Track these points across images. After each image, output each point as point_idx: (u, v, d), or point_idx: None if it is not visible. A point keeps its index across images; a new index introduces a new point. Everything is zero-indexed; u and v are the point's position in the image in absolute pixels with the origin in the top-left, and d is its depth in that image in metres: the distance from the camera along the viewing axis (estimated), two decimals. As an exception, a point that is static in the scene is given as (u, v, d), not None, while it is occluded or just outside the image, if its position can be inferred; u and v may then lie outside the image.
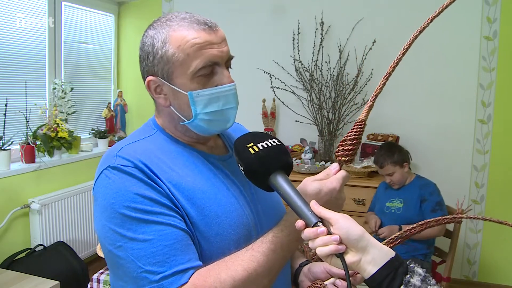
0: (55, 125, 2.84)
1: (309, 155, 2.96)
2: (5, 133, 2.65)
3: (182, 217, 0.80)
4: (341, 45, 3.11)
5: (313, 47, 3.16)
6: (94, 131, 3.42)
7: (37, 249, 2.63)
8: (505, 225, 0.85)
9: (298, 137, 3.23)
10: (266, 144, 0.78)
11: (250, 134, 0.84)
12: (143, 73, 0.88)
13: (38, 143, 2.82)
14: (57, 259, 2.62)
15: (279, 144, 0.80)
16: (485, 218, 0.89)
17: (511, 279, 2.91)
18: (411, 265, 0.68)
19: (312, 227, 0.69)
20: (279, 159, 0.77)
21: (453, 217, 0.93)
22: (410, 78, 2.97)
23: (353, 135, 0.80)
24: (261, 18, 3.34)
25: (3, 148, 2.58)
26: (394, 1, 3.03)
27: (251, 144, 0.78)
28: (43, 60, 3.00)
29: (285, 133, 3.37)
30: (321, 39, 3.13)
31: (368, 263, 0.67)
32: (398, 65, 0.75)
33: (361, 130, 0.80)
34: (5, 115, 2.64)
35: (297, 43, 3.20)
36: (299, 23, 3.18)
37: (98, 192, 0.81)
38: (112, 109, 3.60)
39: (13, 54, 2.76)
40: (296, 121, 3.25)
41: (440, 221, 0.91)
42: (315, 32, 3.17)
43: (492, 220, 0.87)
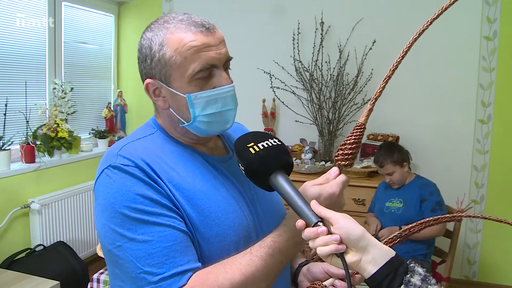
0: (55, 125, 2.84)
1: (309, 155, 2.96)
2: (5, 133, 2.65)
3: (182, 218, 0.80)
4: (341, 45, 3.11)
5: (313, 47, 3.17)
6: (94, 131, 3.42)
7: (37, 249, 2.63)
8: (505, 223, 0.85)
9: (298, 137, 3.23)
10: (266, 143, 0.78)
11: (250, 133, 0.84)
12: (142, 75, 0.88)
13: (38, 143, 2.82)
14: (57, 259, 2.62)
15: (280, 143, 0.80)
16: (485, 216, 0.88)
17: (511, 279, 2.91)
18: (411, 265, 0.68)
19: (312, 226, 0.69)
20: (280, 159, 0.78)
21: (453, 216, 0.93)
22: (410, 78, 2.97)
23: (353, 139, 0.80)
24: (261, 18, 3.34)
25: (3, 148, 2.58)
26: (394, 1, 3.03)
27: (252, 144, 0.78)
28: (43, 60, 3.00)
29: (285, 133, 3.37)
30: (321, 39, 3.13)
31: (368, 263, 0.67)
32: (397, 68, 0.75)
33: (360, 134, 0.80)
34: (5, 115, 2.64)
35: (297, 43, 3.20)
36: (299, 23, 3.18)
37: (98, 191, 0.81)
38: (112, 109, 3.60)
39: (13, 54, 2.76)
40: (296, 121, 3.25)
41: (439, 219, 0.90)
42: (315, 32, 3.17)
43: (491, 218, 0.87)
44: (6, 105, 2.65)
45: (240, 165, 0.80)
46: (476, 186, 2.94)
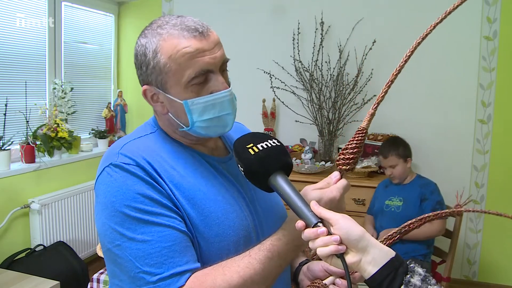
0: (55, 125, 2.84)
1: (309, 155, 2.96)
2: (5, 133, 2.65)
3: (182, 218, 0.80)
4: (341, 45, 3.11)
5: (313, 47, 3.16)
6: (94, 131, 3.42)
7: (37, 249, 2.63)
8: (505, 217, 0.85)
9: (298, 137, 3.23)
10: (266, 144, 0.78)
11: (249, 134, 0.84)
12: (140, 81, 0.88)
13: (38, 143, 2.82)
14: (57, 259, 2.62)
15: (279, 144, 0.80)
16: (485, 211, 0.88)
17: (511, 279, 2.91)
18: (411, 265, 0.68)
19: (312, 227, 0.69)
20: (279, 160, 0.77)
21: (452, 211, 0.93)
22: (410, 78, 2.97)
23: (354, 143, 0.80)
24: (261, 18, 3.34)
25: (3, 148, 2.58)
26: (394, 1, 3.02)
27: (251, 144, 0.78)
28: (43, 60, 3.00)
29: (285, 133, 3.37)
30: (321, 39, 3.13)
31: (368, 263, 0.67)
32: (400, 72, 0.75)
33: (362, 138, 0.80)
34: (5, 115, 2.64)
35: (297, 43, 3.19)
36: (299, 23, 3.18)
37: (99, 189, 0.81)
38: (112, 109, 3.60)
39: (13, 54, 2.76)
40: (296, 121, 3.25)
41: (439, 214, 0.90)
42: (315, 32, 3.17)
43: (491, 212, 0.86)
44: (6, 105, 2.65)
45: (239, 166, 0.80)
46: (476, 186, 2.94)
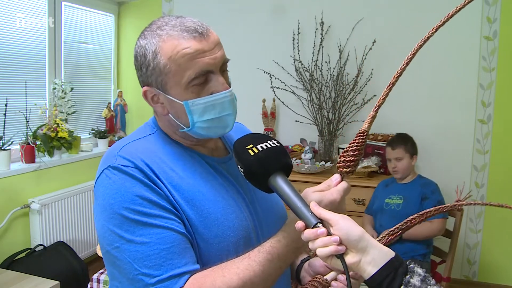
0: (55, 125, 2.84)
1: (309, 155, 2.96)
2: (5, 133, 2.65)
3: (181, 219, 0.79)
4: (341, 45, 3.11)
5: (313, 47, 3.16)
6: (94, 131, 3.42)
7: (37, 249, 2.63)
8: (506, 207, 0.84)
9: (298, 137, 3.23)
10: (265, 145, 0.78)
11: (249, 135, 0.84)
12: (140, 82, 0.88)
13: (38, 143, 2.82)
14: (57, 259, 2.62)
15: (279, 145, 0.80)
16: (485, 203, 0.88)
17: (511, 279, 2.91)
18: (411, 265, 0.68)
19: (312, 228, 0.69)
20: (279, 160, 0.78)
21: (454, 205, 0.93)
22: (410, 78, 2.94)
23: (355, 146, 0.80)
24: (261, 18, 3.34)
25: (3, 148, 2.58)
26: (394, 1, 3.02)
27: (251, 145, 0.78)
28: (43, 60, 3.00)
29: (285, 133, 3.37)
30: (321, 39, 3.13)
31: (368, 264, 0.67)
32: (396, 68, 0.75)
33: (363, 141, 0.80)
34: (5, 115, 2.64)
35: (297, 43, 3.19)
36: (299, 23, 3.18)
37: (98, 191, 0.81)
38: (112, 109, 3.60)
39: (13, 54, 2.76)
40: (296, 121, 3.25)
41: (441, 209, 0.91)
42: (315, 32, 3.17)
43: (492, 204, 0.86)
44: (6, 105, 2.65)
45: (239, 167, 0.79)
46: (476, 186, 2.94)
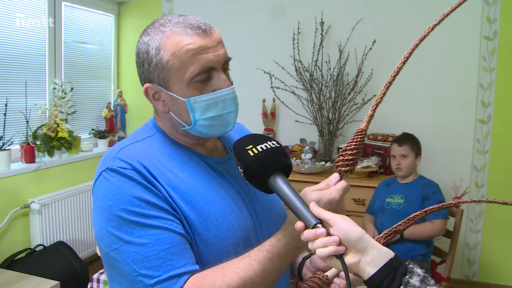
0: (55, 125, 2.84)
1: (309, 155, 2.96)
2: (5, 133, 2.65)
3: (180, 220, 0.79)
4: (341, 45, 3.11)
5: (313, 47, 3.16)
6: (94, 131, 3.42)
7: (37, 249, 2.63)
8: (505, 204, 0.84)
9: (298, 137, 3.23)
10: (265, 146, 0.79)
11: (249, 136, 0.84)
12: (141, 79, 0.87)
13: (38, 143, 2.82)
14: (57, 259, 2.62)
15: (278, 146, 0.80)
16: (489, 200, 0.88)
17: (511, 279, 2.91)
18: (410, 266, 0.68)
19: (311, 228, 0.69)
20: (279, 161, 0.78)
21: (455, 202, 0.93)
22: (410, 78, 2.97)
23: (354, 145, 0.80)
24: (261, 18, 3.34)
25: (3, 148, 2.58)
26: (394, 1, 3.02)
27: (250, 146, 0.78)
28: (43, 60, 3.00)
29: (285, 133, 3.37)
30: (321, 39, 3.13)
31: (367, 264, 0.67)
32: (399, 73, 0.75)
33: (361, 140, 0.80)
34: (5, 115, 2.64)
35: (297, 43, 3.19)
36: (299, 23, 3.18)
37: (96, 193, 0.81)
38: (112, 109, 3.60)
39: (13, 54, 2.76)
40: (296, 121, 3.25)
41: (444, 206, 0.92)
42: (315, 32, 3.17)
43: (496, 201, 0.86)
44: (6, 105, 2.65)
45: (239, 167, 0.79)
46: (476, 186, 2.94)
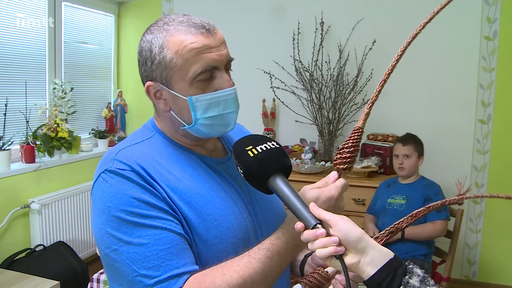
0: (55, 125, 2.84)
1: (309, 155, 2.96)
2: (5, 133, 2.65)
3: (179, 221, 0.79)
4: (341, 45, 3.11)
5: (313, 47, 3.16)
6: (94, 131, 3.42)
7: (37, 249, 2.63)
8: (507, 198, 0.84)
9: (298, 137, 3.23)
10: (265, 146, 0.79)
11: (249, 137, 0.84)
12: (142, 78, 0.87)
13: (38, 143, 2.82)
14: (57, 259, 2.62)
15: (278, 146, 0.80)
16: (492, 195, 0.88)
17: (511, 279, 2.91)
18: (410, 266, 0.68)
19: (311, 229, 0.69)
20: (278, 162, 0.78)
21: (457, 198, 0.94)
22: (410, 78, 2.97)
23: (351, 143, 0.80)
24: (261, 18, 3.34)
25: (3, 148, 2.58)
26: (394, 1, 3.02)
27: (250, 147, 0.78)
28: (43, 60, 3.00)
29: (285, 133, 3.37)
30: (321, 39, 3.13)
31: (367, 264, 0.67)
32: (396, 68, 0.75)
33: (358, 137, 0.80)
34: (5, 115, 2.64)
35: (297, 43, 3.19)
36: (299, 23, 3.18)
37: (95, 195, 0.81)
38: (112, 109, 3.60)
39: (13, 54, 2.76)
40: (296, 121, 3.25)
41: (448, 202, 0.92)
42: (315, 32, 3.17)
43: (499, 196, 0.85)
44: (6, 105, 2.65)
45: (238, 168, 0.79)
46: (476, 186, 2.94)
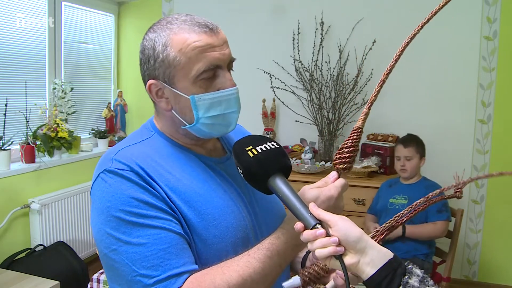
0: (55, 125, 2.84)
1: (309, 155, 2.96)
2: (5, 133, 2.65)
3: (178, 220, 0.79)
4: (341, 45, 3.11)
5: (313, 47, 3.16)
6: (94, 131, 3.42)
7: (37, 249, 2.63)
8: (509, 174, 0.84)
9: (298, 137, 3.23)
10: (265, 147, 0.79)
11: (249, 137, 0.84)
12: (144, 76, 0.87)
13: (38, 143, 2.82)
14: (57, 259, 2.62)
15: (278, 146, 0.81)
16: (487, 175, 0.89)
17: (511, 279, 2.91)
18: (409, 266, 0.68)
19: (311, 229, 0.69)
20: (278, 162, 0.78)
21: (454, 193, 0.95)
22: (410, 78, 2.97)
23: (350, 143, 0.81)
24: (261, 18, 3.34)
25: (3, 148, 2.58)
26: (394, 1, 3.02)
27: (250, 147, 0.78)
28: (43, 60, 3.00)
29: (285, 133, 3.37)
30: (321, 39, 3.13)
31: (366, 265, 0.67)
32: (396, 68, 0.75)
33: (357, 137, 0.81)
34: (5, 115, 2.64)
35: (297, 43, 3.19)
36: (299, 23, 3.18)
37: (94, 195, 0.81)
38: (112, 109, 3.60)
39: (13, 54, 2.76)
40: (296, 121, 3.25)
41: (442, 196, 0.94)
42: (315, 32, 3.17)
43: (494, 175, 0.86)
44: (6, 105, 2.65)
45: (238, 168, 0.80)
46: (476, 186, 2.94)
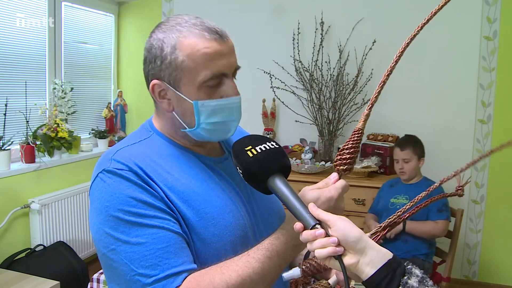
0: (55, 125, 2.84)
1: (309, 155, 2.96)
2: (5, 133, 2.65)
3: (177, 220, 0.80)
4: (341, 45, 3.11)
5: (313, 47, 3.16)
6: (94, 131, 3.42)
7: (37, 249, 2.63)
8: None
9: (298, 137, 3.23)
10: (264, 147, 0.79)
11: (248, 137, 0.84)
12: (148, 75, 0.87)
13: (38, 143, 2.82)
14: (57, 259, 2.62)
15: (277, 146, 0.81)
16: (488, 153, 0.88)
17: (511, 279, 2.91)
18: (409, 267, 0.68)
19: (310, 229, 0.69)
20: (277, 162, 0.78)
21: (456, 191, 0.95)
22: (410, 78, 2.97)
23: (351, 144, 0.81)
24: (261, 18, 3.34)
25: (3, 148, 2.58)
26: (394, 1, 3.02)
27: (249, 147, 0.78)
28: (43, 60, 3.00)
29: (285, 133, 3.37)
30: (321, 39, 3.13)
31: (366, 265, 0.67)
32: (396, 68, 0.75)
33: (358, 139, 0.81)
34: (5, 115, 2.64)
35: (297, 43, 3.19)
36: (299, 23, 3.18)
37: (93, 195, 0.81)
38: (112, 109, 3.60)
39: (13, 54, 2.76)
40: (296, 121, 3.25)
41: (444, 195, 0.93)
42: (315, 32, 3.17)
43: (496, 149, 0.85)
44: (6, 105, 2.65)
45: (238, 168, 0.80)
46: (476, 186, 2.94)
